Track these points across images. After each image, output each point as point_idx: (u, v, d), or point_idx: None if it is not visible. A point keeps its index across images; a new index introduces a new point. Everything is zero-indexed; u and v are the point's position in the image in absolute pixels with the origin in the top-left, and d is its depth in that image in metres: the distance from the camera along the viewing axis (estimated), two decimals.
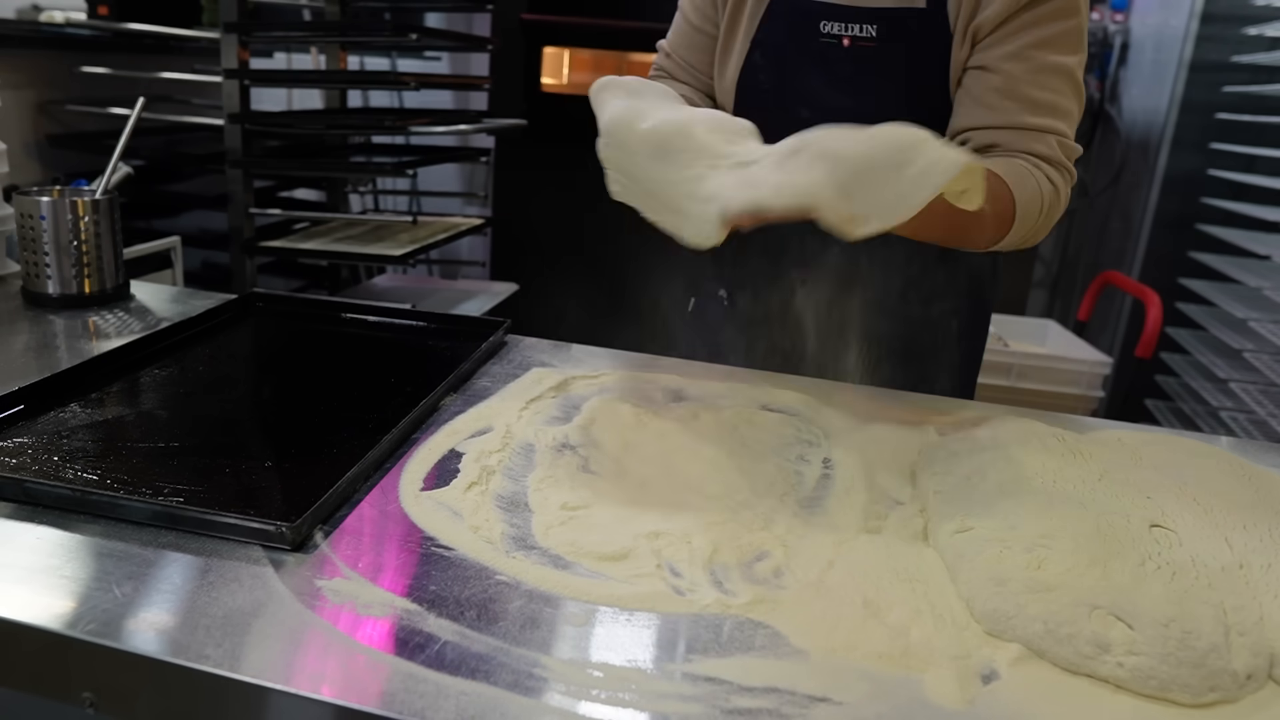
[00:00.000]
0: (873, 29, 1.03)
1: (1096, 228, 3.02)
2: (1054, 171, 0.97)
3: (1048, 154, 0.97)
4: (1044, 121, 0.98)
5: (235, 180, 2.13)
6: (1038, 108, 0.98)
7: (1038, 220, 0.97)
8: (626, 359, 1.06)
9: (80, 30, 2.26)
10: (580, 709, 0.50)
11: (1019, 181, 0.94)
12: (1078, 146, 1.00)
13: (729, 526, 0.70)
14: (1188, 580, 0.58)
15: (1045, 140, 0.98)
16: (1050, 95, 0.98)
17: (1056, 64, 0.98)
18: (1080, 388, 1.97)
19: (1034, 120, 0.98)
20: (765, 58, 1.09)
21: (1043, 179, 0.96)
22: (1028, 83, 0.97)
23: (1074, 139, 1.00)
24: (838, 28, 1.05)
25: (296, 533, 0.63)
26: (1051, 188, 0.97)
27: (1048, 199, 0.96)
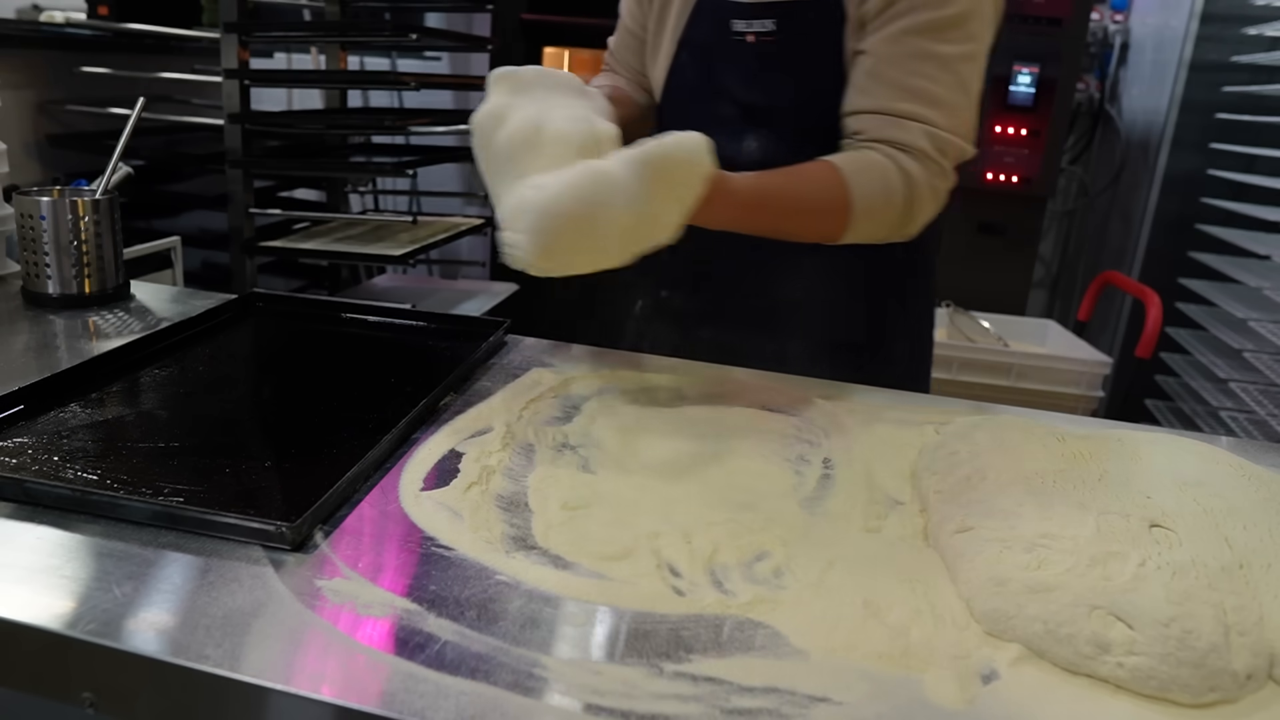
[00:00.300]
0: (771, 23, 1.05)
1: (1096, 228, 3.02)
2: (913, 162, 0.95)
3: (909, 142, 0.95)
4: (910, 108, 0.96)
5: (235, 180, 2.13)
6: (905, 93, 0.96)
7: (892, 213, 0.95)
8: (626, 359, 1.06)
9: (80, 30, 2.26)
10: (580, 709, 0.50)
11: (859, 172, 0.93)
12: (957, 141, 0.97)
13: (729, 526, 0.70)
14: (1188, 580, 0.58)
15: (908, 128, 0.95)
16: (922, 82, 0.96)
17: (932, 51, 0.96)
18: (1080, 388, 1.97)
19: (900, 106, 0.96)
20: (690, 56, 1.12)
21: (893, 170, 0.94)
22: (898, 67, 0.96)
23: (960, 135, 0.97)
24: (743, 25, 1.06)
25: (296, 533, 0.63)
26: (904, 179, 0.94)
27: (898, 192, 0.94)
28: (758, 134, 1.08)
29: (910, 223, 0.98)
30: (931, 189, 0.97)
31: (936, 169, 0.96)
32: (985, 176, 2.25)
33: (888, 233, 0.98)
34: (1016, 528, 0.64)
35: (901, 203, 0.95)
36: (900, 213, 0.96)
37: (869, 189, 0.93)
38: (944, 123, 0.96)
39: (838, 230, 0.95)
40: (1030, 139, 2.22)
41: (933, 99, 0.96)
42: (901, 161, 0.95)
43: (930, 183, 0.96)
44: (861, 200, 0.93)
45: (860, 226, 0.95)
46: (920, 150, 0.95)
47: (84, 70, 2.23)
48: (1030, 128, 2.22)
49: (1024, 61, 2.20)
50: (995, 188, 2.26)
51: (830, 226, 0.95)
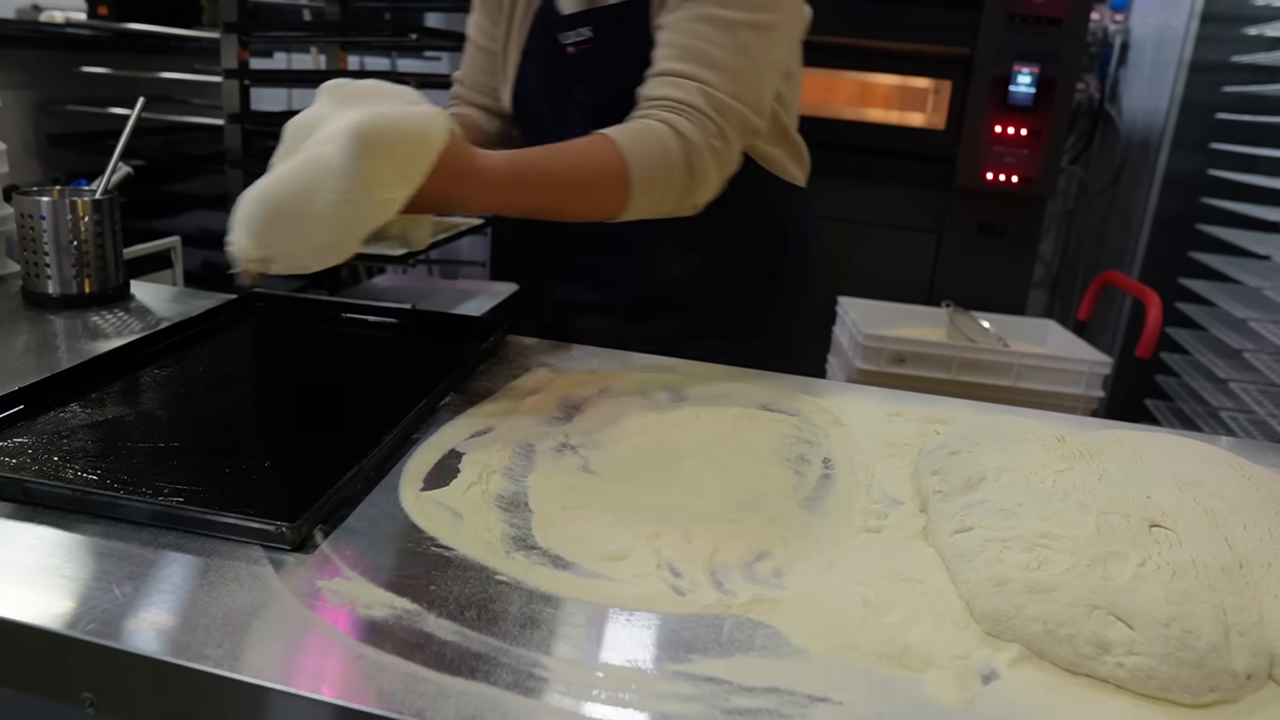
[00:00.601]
0: (588, 31, 1.07)
1: (1096, 228, 3.02)
2: (688, 122, 0.93)
3: (684, 99, 0.94)
4: (686, 68, 0.95)
5: (235, 180, 2.13)
6: (684, 53, 0.95)
7: (674, 179, 0.93)
8: (626, 359, 1.06)
9: (80, 30, 2.26)
10: (580, 709, 0.50)
11: (634, 140, 0.91)
12: (736, 105, 0.96)
13: (729, 526, 0.70)
14: (1188, 580, 0.58)
15: (684, 86, 0.94)
16: (699, 43, 0.95)
17: (715, 15, 0.95)
18: (1080, 388, 1.97)
19: (676, 65, 0.95)
20: (532, 66, 1.15)
21: (668, 135, 0.92)
22: (679, 30, 0.97)
23: (742, 101, 0.96)
24: (566, 36, 1.09)
25: (296, 533, 0.63)
26: (680, 142, 0.92)
27: (676, 157, 0.92)
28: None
29: (695, 190, 0.95)
30: (711, 150, 0.94)
31: (714, 129, 0.94)
32: (985, 176, 2.25)
33: (674, 204, 0.95)
34: (1016, 528, 0.64)
35: (681, 168, 0.92)
36: (682, 178, 0.93)
37: (646, 157, 0.91)
38: (722, 85, 0.95)
39: (618, 202, 0.92)
40: (1030, 139, 2.22)
41: (710, 60, 0.95)
42: (676, 124, 0.92)
43: (708, 143, 0.94)
44: (639, 169, 0.90)
45: (642, 198, 0.92)
46: (695, 108, 0.93)
47: (84, 70, 2.23)
48: (1030, 128, 2.22)
49: (1024, 61, 2.19)
50: (995, 188, 2.25)
51: (610, 199, 0.91)
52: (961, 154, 2.27)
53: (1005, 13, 2.18)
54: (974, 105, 2.24)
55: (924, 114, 2.34)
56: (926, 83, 2.31)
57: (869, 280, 2.38)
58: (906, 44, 2.26)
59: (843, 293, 2.28)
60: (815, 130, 2.34)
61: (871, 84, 2.35)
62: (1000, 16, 2.19)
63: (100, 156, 1.34)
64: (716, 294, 1.20)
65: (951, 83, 2.27)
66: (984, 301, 2.31)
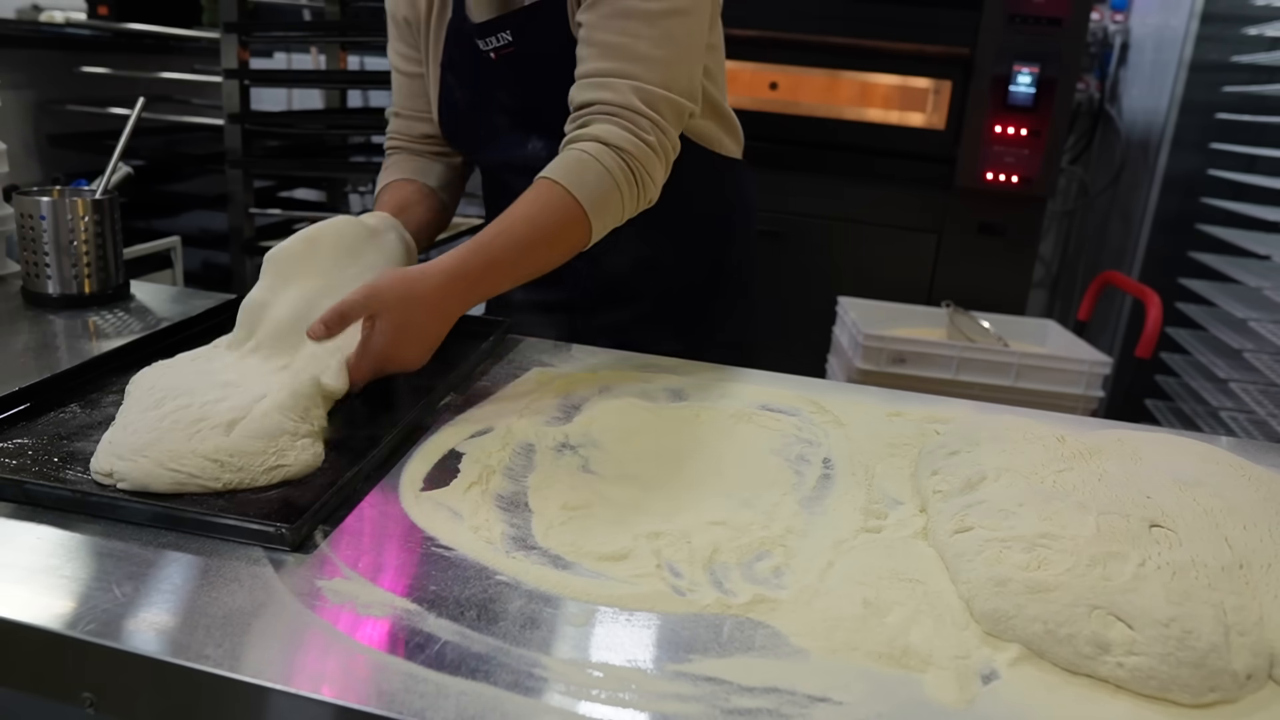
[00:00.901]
0: (508, 35, 1.06)
1: (1096, 228, 3.02)
2: (617, 129, 0.95)
3: (615, 100, 0.95)
4: (614, 65, 0.96)
5: (235, 180, 2.13)
6: (609, 51, 0.96)
7: (626, 191, 0.96)
8: (626, 359, 1.06)
9: (80, 30, 2.26)
10: (580, 709, 0.50)
11: (575, 174, 0.94)
12: (668, 95, 0.97)
13: (729, 526, 0.70)
14: (1188, 580, 0.58)
15: (615, 86, 0.95)
16: (623, 39, 0.96)
17: (635, 8, 0.95)
18: (1080, 388, 1.97)
19: (604, 65, 0.96)
20: (454, 76, 1.14)
21: (604, 153, 0.94)
22: (600, 28, 0.96)
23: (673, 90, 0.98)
24: (484, 43, 1.09)
25: (296, 533, 0.63)
26: (616, 156, 0.94)
27: (619, 172, 0.94)
28: (539, 136, 1.12)
29: (644, 191, 0.98)
30: (649, 149, 0.96)
31: (648, 124, 0.96)
32: (985, 176, 2.25)
33: (631, 210, 0.99)
34: (1016, 528, 0.64)
35: (626, 181, 0.95)
36: (629, 188, 0.96)
37: (592, 188, 0.94)
38: (652, 78, 0.96)
39: (583, 238, 0.96)
40: (1030, 139, 2.22)
41: (637, 55, 0.96)
42: (608, 138, 0.95)
43: (644, 144, 0.96)
44: (590, 201, 0.94)
45: (601, 222, 0.96)
46: (627, 108, 0.95)
47: (84, 70, 2.23)
48: (1030, 128, 2.21)
49: (1024, 61, 2.19)
50: (995, 188, 2.25)
51: (575, 238, 0.96)
52: (961, 154, 2.27)
53: (1005, 13, 2.18)
54: (974, 105, 2.24)
55: (924, 114, 2.34)
56: (926, 83, 2.31)
57: (869, 280, 2.38)
58: (906, 44, 2.26)
59: (843, 293, 2.28)
60: (815, 130, 2.36)
61: (871, 84, 2.35)
62: (1000, 16, 2.19)
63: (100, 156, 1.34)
64: (664, 280, 1.21)
65: (951, 83, 2.27)
66: (984, 301, 2.30)
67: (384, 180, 1.20)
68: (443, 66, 1.15)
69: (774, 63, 2.35)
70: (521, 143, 1.14)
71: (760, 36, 2.31)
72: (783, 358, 1.43)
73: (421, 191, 1.18)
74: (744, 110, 2.33)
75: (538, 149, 1.12)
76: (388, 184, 1.18)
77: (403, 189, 1.17)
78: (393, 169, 1.20)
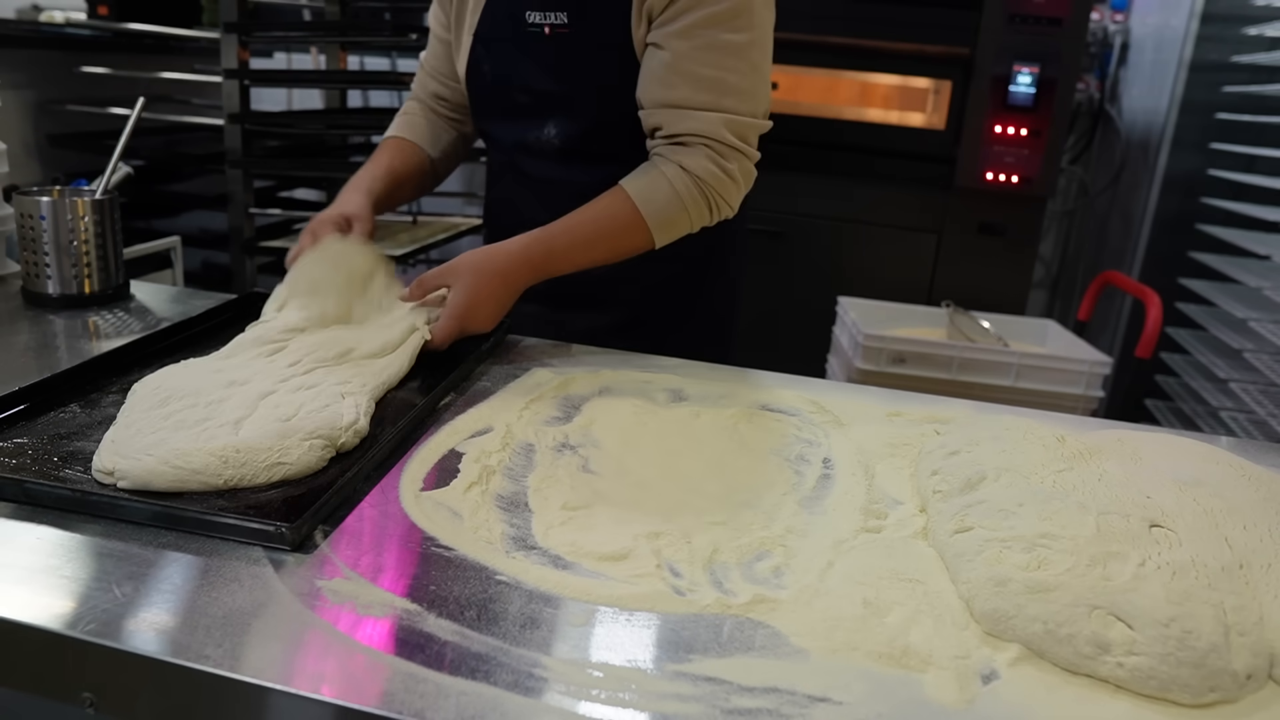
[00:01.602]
0: (564, 15, 1.10)
1: (1096, 228, 3.02)
2: (700, 158, 1.05)
3: (705, 132, 1.04)
4: (707, 98, 1.04)
5: (235, 180, 2.13)
6: (703, 85, 1.04)
7: (692, 211, 1.06)
8: (626, 359, 1.06)
9: (80, 30, 2.26)
10: (580, 709, 0.50)
11: (645, 190, 1.05)
12: (754, 122, 1.07)
13: (729, 526, 0.70)
14: (1188, 580, 0.58)
15: (705, 119, 1.04)
16: (716, 72, 1.04)
17: (725, 42, 1.03)
18: (1080, 388, 1.96)
19: (695, 97, 1.04)
20: (485, 49, 1.17)
21: (678, 177, 1.04)
22: (693, 59, 1.03)
23: (757, 116, 1.08)
24: (539, 17, 1.12)
25: (296, 533, 0.63)
26: (690, 181, 1.05)
27: (689, 194, 1.05)
28: (556, 120, 1.15)
29: (719, 209, 1.09)
30: (727, 174, 1.07)
31: (732, 153, 1.06)
32: (985, 176, 2.25)
33: (702, 225, 1.10)
34: (1016, 528, 0.64)
35: (693, 200, 1.06)
36: (700, 208, 1.07)
37: (659, 206, 1.05)
38: (741, 108, 1.06)
39: (645, 244, 1.07)
40: (1030, 139, 2.22)
41: (728, 88, 1.05)
42: (688, 163, 1.05)
43: (724, 168, 1.06)
44: (654, 216, 1.05)
45: (664, 235, 1.07)
46: (716, 139, 1.05)
47: (84, 70, 2.23)
48: (1030, 128, 2.21)
49: (1024, 61, 2.19)
50: (995, 188, 2.25)
51: (636, 243, 1.07)
52: (961, 154, 2.27)
53: (1005, 13, 2.18)
54: (974, 105, 2.24)
55: (924, 114, 2.34)
56: (926, 83, 2.31)
57: (869, 280, 2.38)
58: (906, 44, 2.26)
59: (843, 293, 2.28)
60: (815, 130, 2.36)
61: (871, 84, 2.35)
62: (1000, 16, 2.19)
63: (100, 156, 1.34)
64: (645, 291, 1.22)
65: (951, 83, 2.27)
66: (984, 301, 2.31)
67: (391, 131, 1.29)
68: (475, 36, 1.17)
69: (774, 62, 2.34)
70: (539, 125, 1.16)
71: None
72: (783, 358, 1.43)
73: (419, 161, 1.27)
74: None
75: (552, 135, 1.15)
76: (391, 139, 1.27)
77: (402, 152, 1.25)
78: (402, 124, 1.29)
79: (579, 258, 1.06)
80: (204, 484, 0.69)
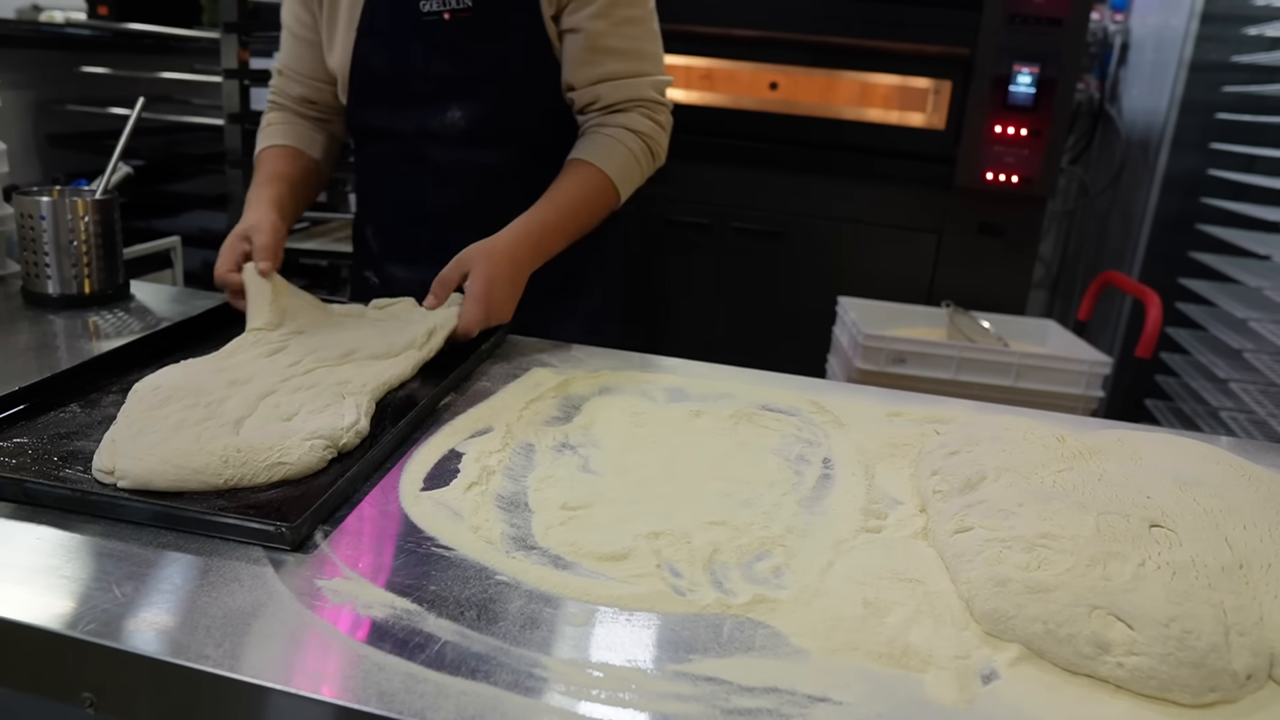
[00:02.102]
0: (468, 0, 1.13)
1: (1096, 228, 3.02)
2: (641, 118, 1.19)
3: (640, 96, 1.19)
4: (633, 67, 1.18)
5: (235, 180, 2.13)
6: (626, 56, 1.18)
7: (645, 164, 1.21)
8: (626, 359, 1.06)
9: (80, 30, 2.25)
10: (580, 709, 0.50)
11: (605, 155, 1.16)
12: (665, 78, 1.22)
13: (729, 526, 0.70)
14: (1188, 580, 0.58)
15: (638, 85, 1.19)
16: (633, 44, 1.18)
17: (631, 16, 1.17)
18: (1080, 388, 1.96)
19: (623, 68, 1.17)
20: (374, 43, 1.18)
21: (627, 136, 1.17)
22: (611, 35, 1.16)
23: (664, 72, 1.22)
24: (436, 4, 1.14)
25: (296, 533, 0.63)
26: (637, 139, 1.18)
27: (639, 150, 1.19)
28: (461, 104, 1.18)
29: (657, 160, 1.24)
30: (660, 127, 1.22)
31: (659, 108, 1.22)
32: (985, 176, 2.25)
33: (649, 174, 1.23)
34: (1016, 528, 0.64)
35: (643, 153, 1.20)
36: (649, 158, 1.21)
37: (621, 167, 1.17)
38: (655, 70, 1.21)
39: (615, 203, 1.19)
40: (1030, 139, 2.22)
41: (644, 55, 1.20)
42: (633, 124, 1.18)
43: (657, 121, 1.21)
44: (619, 178, 1.17)
45: (626, 189, 1.19)
46: (649, 100, 1.20)
47: (84, 70, 2.23)
48: (1030, 128, 2.21)
49: (1024, 61, 2.19)
50: (995, 188, 2.25)
51: (608, 203, 1.18)
52: (961, 154, 2.26)
53: (1005, 13, 2.18)
54: (974, 105, 2.24)
55: (924, 114, 2.34)
56: (926, 83, 2.31)
57: (869, 280, 2.38)
58: (906, 44, 2.26)
59: (843, 293, 2.28)
60: (815, 130, 2.36)
61: (871, 84, 2.35)
62: (1000, 16, 2.18)
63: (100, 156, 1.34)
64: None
65: (951, 83, 2.27)
66: (984, 301, 2.30)
67: (269, 141, 1.26)
68: (359, 31, 1.17)
69: (774, 63, 2.35)
70: (441, 111, 1.18)
71: (760, 36, 2.31)
72: (783, 358, 1.43)
73: (308, 166, 1.26)
74: (744, 110, 2.35)
75: (456, 118, 1.18)
76: (274, 148, 1.25)
77: (291, 160, 1.24)
78: (277, 132, 1.27)
79: (570, 228, 1.14)
80: (204, 484, 0.69)
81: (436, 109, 1.18)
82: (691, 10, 2.27)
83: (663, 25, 1.24)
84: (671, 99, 1.24)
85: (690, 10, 2.27)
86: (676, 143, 1.29)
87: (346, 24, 1.18)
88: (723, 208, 2.41)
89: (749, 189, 2.39)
